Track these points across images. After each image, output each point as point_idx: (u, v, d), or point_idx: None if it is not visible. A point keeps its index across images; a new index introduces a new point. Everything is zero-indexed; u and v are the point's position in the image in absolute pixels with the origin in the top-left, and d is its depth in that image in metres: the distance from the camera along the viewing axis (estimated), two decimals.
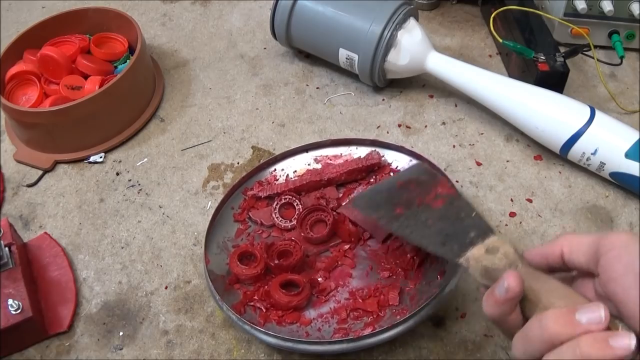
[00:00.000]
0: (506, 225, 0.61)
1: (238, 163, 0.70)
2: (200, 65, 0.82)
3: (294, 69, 0.80)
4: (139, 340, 0.55)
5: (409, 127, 0.72)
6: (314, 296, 0.55)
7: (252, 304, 0.54)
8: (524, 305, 0.36)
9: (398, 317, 0.51)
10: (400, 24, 0.69)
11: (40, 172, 0.71)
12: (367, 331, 0.49)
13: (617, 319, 0.33)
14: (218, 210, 0.59)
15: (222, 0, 0.93)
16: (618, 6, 0.71)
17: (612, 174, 0.61)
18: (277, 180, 0.64)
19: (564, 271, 0.38)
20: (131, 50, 0.79)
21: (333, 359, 0.53)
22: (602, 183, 0.64)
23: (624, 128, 0.61)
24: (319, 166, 0.64)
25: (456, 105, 0.74)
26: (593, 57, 0.69)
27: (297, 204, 0.61)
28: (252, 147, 0.71)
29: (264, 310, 0.53)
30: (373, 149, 0.64)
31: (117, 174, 0.70)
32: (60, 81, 0.73)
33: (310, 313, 0.54)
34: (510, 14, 0.74)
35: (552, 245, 0.38)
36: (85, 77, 0.74)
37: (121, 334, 0.56)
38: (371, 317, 0.52)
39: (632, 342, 0.30)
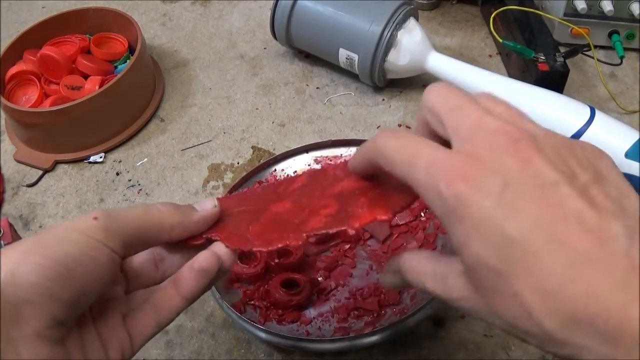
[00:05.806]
0: None
1: (238, 163, 0.70)
2: (200, 65, 0.82)
3: (294, 69, 0.80)
4: None
5: (409, 127, 0.72)
6: (314, 295, 0.55)
7: (252, 302, 0.54)
8: None
9: (398, 316, 0.51)
10: (400, 24, 0.69)
11: (40, 172, 0.71)
12: (368, 330, 0.49)
13: None
14: None
15: (222, 0, 0.93)
16: (618, 6, 0.71)
17: None
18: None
19: None
20: (131, 50, 0.79)
21: (333, 358, 0.53)
22: None
23: (624, 128, 0.61)
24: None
25: None
26: (593, 57, 0.69)
27: None
28: (252, 147, 0.71)
29: (264, 309, 0.53)
30: None
31: (117, 174, 0.70)
32: (60, 81, 0.73)
33: (311, 312, 0.54)
34: (510, 14, 0.74)
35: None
36: (85, 77, 0.74)
37: None
38: (371, 316, 0.52)
39: None
